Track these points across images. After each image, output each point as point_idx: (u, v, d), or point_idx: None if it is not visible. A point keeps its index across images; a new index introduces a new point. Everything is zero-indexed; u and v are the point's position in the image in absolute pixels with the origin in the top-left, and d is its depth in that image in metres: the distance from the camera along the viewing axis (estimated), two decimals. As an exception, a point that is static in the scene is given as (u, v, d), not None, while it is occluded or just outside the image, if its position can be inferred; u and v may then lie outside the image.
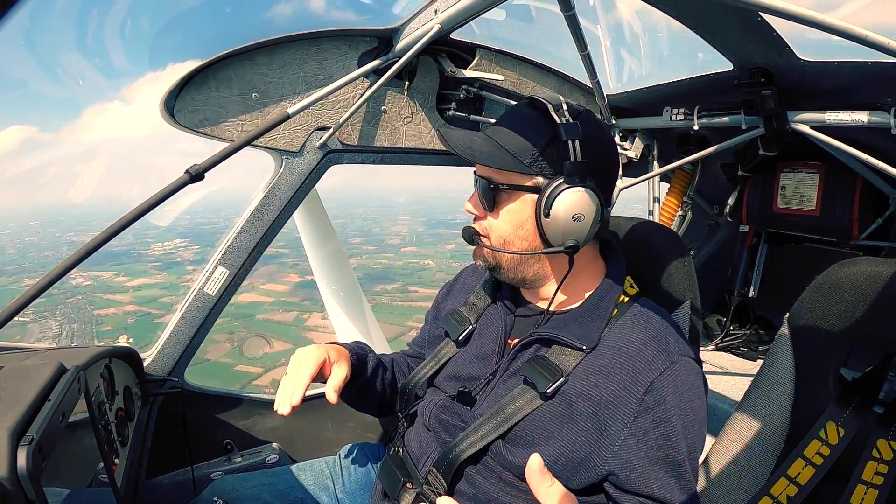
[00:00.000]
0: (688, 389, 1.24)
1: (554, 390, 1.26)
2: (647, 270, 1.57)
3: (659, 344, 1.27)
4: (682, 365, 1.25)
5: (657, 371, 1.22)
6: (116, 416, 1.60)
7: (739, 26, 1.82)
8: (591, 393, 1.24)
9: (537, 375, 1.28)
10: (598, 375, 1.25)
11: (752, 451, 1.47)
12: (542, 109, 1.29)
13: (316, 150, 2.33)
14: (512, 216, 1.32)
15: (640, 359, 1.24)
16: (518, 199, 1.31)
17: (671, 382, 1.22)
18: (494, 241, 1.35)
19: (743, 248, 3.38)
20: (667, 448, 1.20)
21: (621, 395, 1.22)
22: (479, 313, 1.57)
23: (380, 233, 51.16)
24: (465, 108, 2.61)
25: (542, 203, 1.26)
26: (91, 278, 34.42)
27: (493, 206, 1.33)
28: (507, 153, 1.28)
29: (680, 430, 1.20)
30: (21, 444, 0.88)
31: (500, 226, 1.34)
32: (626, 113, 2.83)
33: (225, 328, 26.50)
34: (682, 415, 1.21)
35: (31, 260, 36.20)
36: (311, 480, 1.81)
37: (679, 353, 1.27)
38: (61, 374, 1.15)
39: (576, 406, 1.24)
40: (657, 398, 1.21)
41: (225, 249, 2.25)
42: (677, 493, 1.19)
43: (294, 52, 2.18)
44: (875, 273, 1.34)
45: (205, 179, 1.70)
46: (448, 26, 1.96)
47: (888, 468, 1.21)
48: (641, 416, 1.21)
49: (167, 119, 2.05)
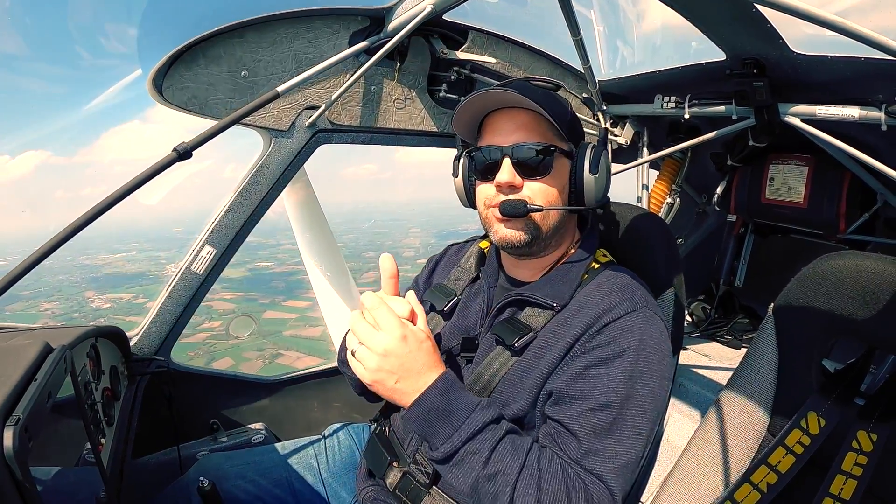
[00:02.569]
0: (645, 339, 1.24)
1: (522, 344, 1.30)
2: (633, 256, 1.58)
3: (623, 293, 1.30)
4: (644, 315, 1.27)
5: (616, 315, 1.25)
6: (103, 395, 1.59)
7: (734, 17, 1.81)
8: (554, 343, 1.27)
9: (506, 333, 1.33)
10: (562, 327, 1.29)
11: (734, 439, 1.49)
12: (555, 86, 1.47)
13: (305, 130, 2.31)
14: (558, 179, 1.38)
15: (602, 304, 1.28)
16: (560, 162, 1.38)
17: (627, 326, 1.24)
18: (545, 206, 1.36)
19: (730, 237, 3.40)
20: (600, 387, 1.19)
21: (577, 336, 1.25)
22: (464, 286, 1.59)
23: (392, 246, 51.10)
24: (456, 90, 2.59)
25: (588, 160, 1.37)
26: (111, 301, 34.09)
27: (542, 171, 1.35)
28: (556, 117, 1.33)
29: (622, 375, 1.20)
30: (7, 425, 0.88)
31: (548, 189, 1.37)
32: (617, 99, 2.83)
33: (254, 346, 26.64)
34: (631, 361, 1.21)
35: (45, 284, 35.84)
36: (295, 459, 1.82)
37: (643, 305, 1.29)
38: (47, 353, 1.14)
39: (542, 359, 1.28)
40: (608, 337, 1.23)
41: (212, 228, 2.23)
42: (591, 431, 1.18)
43: (285, 31, 2.15)
44: (860, 267, 1.36)
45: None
46: (441, 7, 1.95)
47: (867, 459, 1.23)
48: (588, 351, 1.23)
49: (155, 97, 2.02)
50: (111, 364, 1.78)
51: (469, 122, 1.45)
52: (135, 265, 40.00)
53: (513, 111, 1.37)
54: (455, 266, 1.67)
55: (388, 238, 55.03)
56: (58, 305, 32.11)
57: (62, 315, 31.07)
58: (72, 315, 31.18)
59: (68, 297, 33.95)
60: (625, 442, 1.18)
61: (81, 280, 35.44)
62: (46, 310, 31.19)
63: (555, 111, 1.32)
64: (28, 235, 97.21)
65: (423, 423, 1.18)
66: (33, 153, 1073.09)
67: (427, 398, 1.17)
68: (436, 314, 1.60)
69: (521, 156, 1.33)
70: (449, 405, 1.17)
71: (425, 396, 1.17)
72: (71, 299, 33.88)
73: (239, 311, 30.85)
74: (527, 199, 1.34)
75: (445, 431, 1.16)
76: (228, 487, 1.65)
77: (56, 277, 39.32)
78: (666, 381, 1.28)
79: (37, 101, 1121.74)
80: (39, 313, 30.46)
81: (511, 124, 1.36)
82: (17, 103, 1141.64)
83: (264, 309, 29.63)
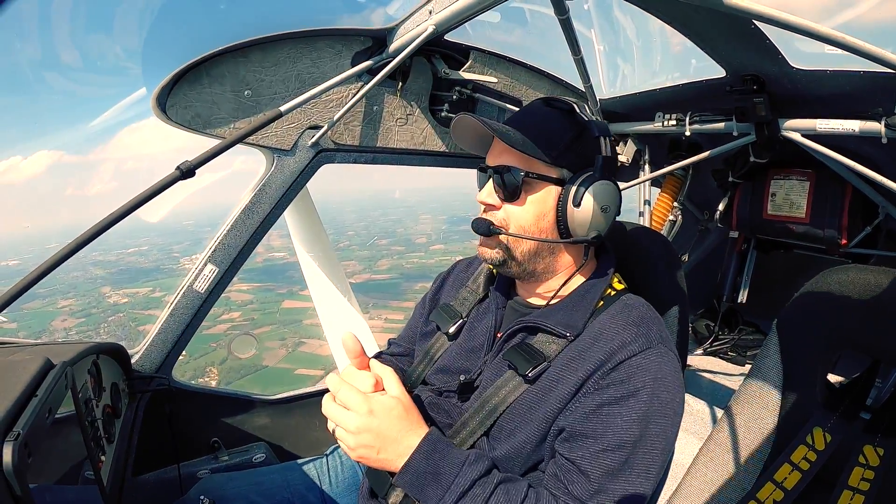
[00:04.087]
0: (660, 377, 1.21)
1: (535, 374, 1.27)
2: (636, 274, 1.57)
3: (639, 329, 1.26)
4: (658, 352, 1.24)
5: (631, 352, 1.22)
6: (103, 412, 1.59)
7: (733, 34, 1.83)
8: (566, 377, 1.25)
9: (520, 360, 1.30)
10: (576, 360, 1.26)
11: (739, 456, 1.48)
12: (563, 108, 1.36)
13: (308, 149, 2.32)
14: (535, 206, 1.34)
15: (617, 340, 1.24)
16: (543, 190, 1.33)
17: (643, 365, 1.21)
18: (513, 230, 1.35)
19: (732, 253, 3.40)
20: (614, 427, 1.17)
21: (591, 371, 1.22)
22: (471, 307, 1.57)
23: (405, 233, 50.75)
24: (458, 110, 2.61)
25: (573, 193, 1.30)
26: (128, 296, 34.01)
27: (516, 195, 1.33)
28: (535, 144, 1.30)
29: (636, 415, 1.17)
30: (7, 440, 0.87)
31: (521, 215, 1.34)
32: (618, 117, 2.84)
33: (276, 335, 26.54)
34: (646, 401, 1.18)
35: (60, 282, 35.88)
36: (298, 480, 1.81)
37: (659, 341, 1.26)
38: (48, 369, 1.14)
39: (553, 392, 1.25)
40: (623, 375, 1.20)
41: (215, 247, 2.24)
42: (602, 472, 1.16)
43: (288, 51, 2.17)
44: (863, 280, 1.35)
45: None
46: (442, 28, 1.97)
47: (874, 474, 1.22)
48: (602, 389, 1.20)
49: (159, 115, 2.03)
50: (112, 381, 1.77)
51: (478, 140, 1.46)
52: (148, 260, 39.96)
53: None
54: (463, 285, 1.65)
55: (399, 225, 54.64)
56: (75, 302, 32.00)
57: (80, 311, 30.94)
58: (90, 311, 31.05)
59: (85, 294, 33.87)
60: (634, 480, 1.17)
61: (96, 276, 35.42)
62: (64, 307, 31.08)
63: (548, 137, 1.31)
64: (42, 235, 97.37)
65: (413, 488, 1.18)
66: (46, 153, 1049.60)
67: (412, 464, 1.18)
68: (442, 334, 1.58)
69: (500, 178, 1.34)
70: (436, 467, 1.17)
71: (410, 462, 1.18)
72: (87, 295, 33.77)
73: (256, 301, 30.76)
74: (499, 222, 1.36)
75: (436, 493, 1.16)
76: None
77: (70, 275, 39.23)
78: (678, 416, 1.26)
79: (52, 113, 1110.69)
80: (57, 310, 30.36)
81: (500, 146, 1.37)
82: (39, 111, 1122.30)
83: (282, 299, 29.46)
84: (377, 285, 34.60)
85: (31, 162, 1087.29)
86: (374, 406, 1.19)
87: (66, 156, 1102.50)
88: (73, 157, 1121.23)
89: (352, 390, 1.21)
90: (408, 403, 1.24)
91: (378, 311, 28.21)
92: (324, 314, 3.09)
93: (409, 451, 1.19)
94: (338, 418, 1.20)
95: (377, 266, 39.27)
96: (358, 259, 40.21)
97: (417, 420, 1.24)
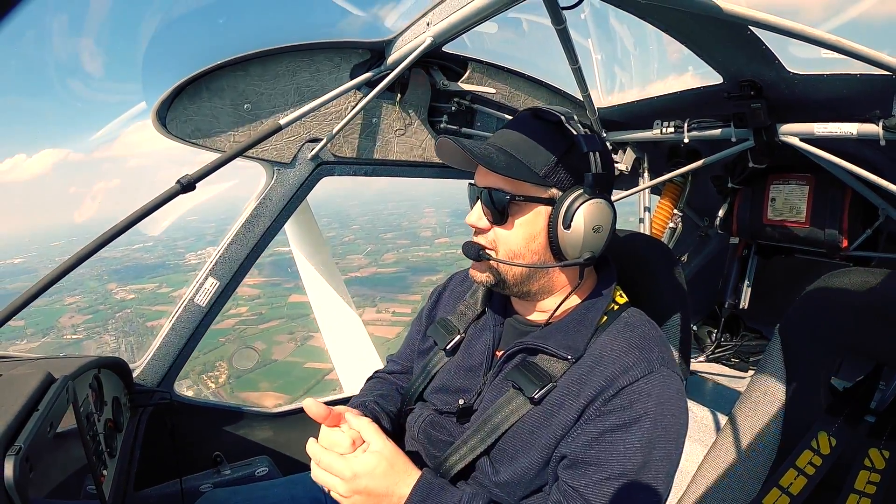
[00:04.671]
0: (663, 402, 1.19)
1: (542, 395, 1.25)
2: (637, 283, 1.56)
3: (641, 352, 1.24)
4: (661, 375, 1.22)
5: (633, 378, 1.20)
6: (105, 426, 1.58)
7: (729, 40, 1.84)
8: (569, 402, 1.23)
9: (525, 381, 1.27)
10: (578, 384, 1.23)
11: (744, 462, 1.47)
12: (553, 121, 1.28)
13: (307, 162, 2.33)
14: (524, 228, 1.29)
15: (619, 364, 1.22)
16: (532, 212, 1.29)
17: (645, 390, 1.19)
18: (503, 254, 1.31)
19: (733, 259, 3.40)
20: (616, 455, 1.16)
21: (593, 397, 1.20)
22: (468, 323, 1.54)
23: (409, 226, 50.43)
24: (457, 121, 2.62)
25: (562, 215, 1.25)
26: (134, 292, 33.93)
27: (504, 218, 1.29)
28: (522, 164, 1.26)
29: (639, 443, 1.16)
30: (8, 455, 0.87)
31: (510, 238, 1.30)
32: (616, 126, 2.85)
33: (284, 329, 26.41)
34: (649, 427, 1.17)
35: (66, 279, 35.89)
36: (301, 493, 1.79)
37: (661, 364, 1.23)
38: (50, 383, 1.14)
39: (556, 416, 1.23)
40: (625, 402, 1.18)
41: (216, 260, 2.24)
42: (605, 500, 1.15)
43: (287, 64, 2.19)
44: (865, 283, 1.35)
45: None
46: (440, 39, 1.98)
47: (880, 477, 1.22)
48: (604, 415, 1.18)
49: (159, 129, 2.04)
50: (114, 395, 1.77)
51: (464, 157, 1.39)
52: (154, 256, 39.88)
53: None
54: (461, 300, 1.63)
55: (404, 219, 54.32)
56: (81, 299, 31.86)
57: (88, 308, 30.80)
58: (98, 307, 30.93)
59: (91, 291, 33.73)
60: (636, 498, 1.16)
61: (102, 273, 35.31)
62: (71, 304, 30.98)
63: (536, 156, 1.27)
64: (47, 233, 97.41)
65: None
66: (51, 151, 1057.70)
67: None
68: (440, 350, 1.56)
69: (487, 201, 1.30)
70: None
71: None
72: (94, 292, 33.63)
73: (263, 295, 30.60)
74: (488, 244, 1.33)
75: None
76: None
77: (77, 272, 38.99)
78: (681, 438, 1.23)
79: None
80: (64, 307, 30.25)
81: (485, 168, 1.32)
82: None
83: (289, 293, 29.33)
84: (384, 279, 34.33)
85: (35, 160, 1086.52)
86: (357, 468, 1.19)
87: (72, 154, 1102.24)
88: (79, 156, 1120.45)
89: (331, 456, 1.21)
90: (391, 454, 1.23)
91: (386, 304, 28.14)
92: (325, 325, 3.09)
93: (402, 501, 1.19)
94: (327, 484, 1.22)
95: (383, 259, 39.08)
96: (364, 253, 40.06)
97: (404, 468, 1.23)
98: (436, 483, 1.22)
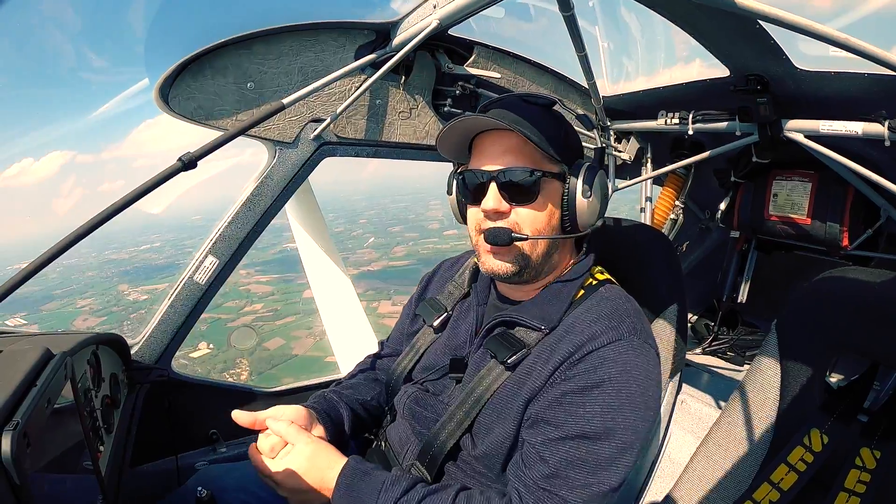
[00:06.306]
0: (629, 370, 1.20)
1: (515, 361, 1.29)
2: (636, 272, 1.57)
3: (610, 321, 1.26)
4: (629, 343, 1.23)
5: (599, 344, 1.22)
6: (102, 403, 1.59)
7: (737, 33, 1.83)
8: (539, 368, 1.26)
9: (500, 348, 1.32)
10: (549, 352, 1.27)
11: (737, 455, 1.48)
12: (547, 104, 1.38)
13: (310, 142, 2.31)
14: (548, 204, 1.33)
15: (587, 332, 1.24)
16: (551, 187, 1.33)
17: (610, 357, 1.20)
18: (531, 234, 1.32)
19: (733, 253, 3.40)
20: (575, 417, 1.17)
21: (560, 362, 1.23)
22: (455, 302, 1.59)
23: (416, 219, 50.51)
24: (461, 105, 2.60)
25: (580, 187, 1.32)
26: (147, 292, 33.93)
27: (532, 197, 1.31)
28: (543, 140, 1.29)
29: (598, 407, 1.16)
30: (6, 430, 0.87)
31: (536, 216, 1.32)
32: (621, 115, 2.84)
33: (302, 325, 26.76)
34: (612, 393, 1.17)
35: (76, 282, 35.35)
36: None
37: (630, 333, 1.24)
38: (48, 359, 1.14)
39: (526, 383, 1.26)
40: (589, 366, 1.20)
41: (215, 238, 2.23)
42: (561, 459, 1.16)
43: (291, 43, 2.16)
44: (863, 283, 1.35)
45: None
46: (447, 22, 1.96)
47: (871, 476, 1.23)
48: (568, 379, 1.20)
49: (161, 106, 2.03)
50: (111, 372, 1.77)
51: (457, 143, 1.43)
52: (162, 256, 39.84)
53: (501, 133, 1.34)
54: (450, 280, 1.67)
55: (410, 212, 54.39)
56: (94, 301, 31.88)
57: (101, 310, 30.88)
58: (111, 309, 31.01)
59: (103, 293, 33.73)
60: (598, 473, 1.16)
61: (112, 274, 35.29)
62: (83, 306, 30.96)
63: (546, 133, 1.29)
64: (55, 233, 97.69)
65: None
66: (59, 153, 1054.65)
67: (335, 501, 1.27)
68: (428, 327, 1.60)
69: (508, 181, 1.30)
70: (357, 499, 1.24)
71: (334, 500, 1.27)
72: (106, 294, 33.63)
73: (277, 292, 30.70)
74: (512, 227, 1.31)
75: None
76: (228, 499, 1.63)
77: (86, 274, 38.75)
78: (650, 411, 1.23)
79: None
80: (77, 310, 30.29)
81: (498, 147, 1.33)
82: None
83: (302, 289, 29.57)
84: (396, 272, 34.51)
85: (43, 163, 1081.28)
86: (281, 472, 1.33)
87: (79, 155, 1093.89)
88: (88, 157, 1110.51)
89: (264, 464, 1.37)
90: (312, 451, 1.34)
91: (400, 297, 28.24)
92: (323, 306, 3.09)
93: (329, 492, 1.28)
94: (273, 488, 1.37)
95: (393, 253, 39.06)
96: (373, 246, 40.01)
97: (327, 462, 1.32)
98: (360, 469, 1.29)
